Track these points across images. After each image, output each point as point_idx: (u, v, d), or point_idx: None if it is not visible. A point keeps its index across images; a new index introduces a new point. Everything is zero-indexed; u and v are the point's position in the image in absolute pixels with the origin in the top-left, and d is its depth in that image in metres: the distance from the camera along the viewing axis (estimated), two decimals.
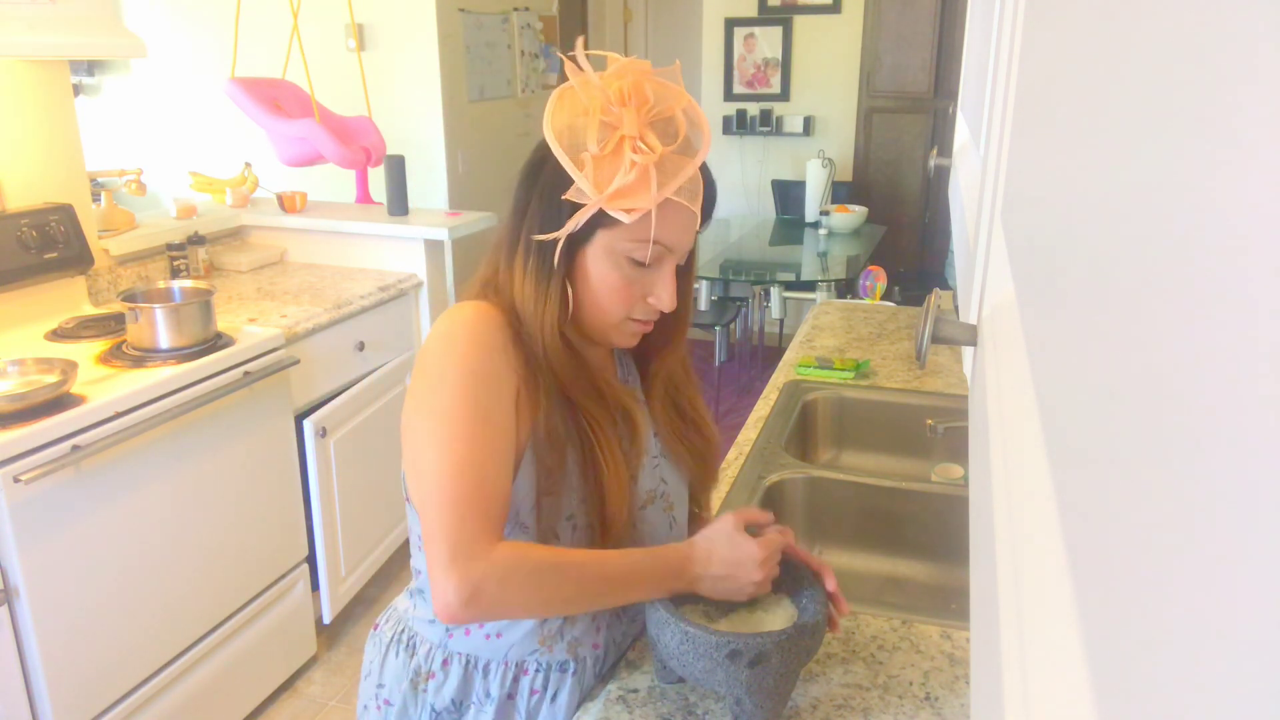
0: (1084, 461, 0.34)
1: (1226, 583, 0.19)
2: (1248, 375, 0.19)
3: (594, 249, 0.99)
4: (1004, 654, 0.40)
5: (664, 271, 1.01)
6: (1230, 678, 0.18)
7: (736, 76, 5.38)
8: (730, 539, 1.02)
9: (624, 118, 0.94)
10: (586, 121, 0.94)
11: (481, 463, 0.94)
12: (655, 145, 0.94)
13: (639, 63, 0.97)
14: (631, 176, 0.93)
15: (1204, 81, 0.23)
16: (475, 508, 0.92)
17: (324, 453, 2.54)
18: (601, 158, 0.94)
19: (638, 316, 1.04)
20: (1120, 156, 0.32)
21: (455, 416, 0.94)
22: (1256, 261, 0.19)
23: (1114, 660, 0.27)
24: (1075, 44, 0.45)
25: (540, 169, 0.99)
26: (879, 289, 3.25)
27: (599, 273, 1.00)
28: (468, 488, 0.92)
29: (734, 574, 1.01)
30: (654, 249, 0.98)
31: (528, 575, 0.93)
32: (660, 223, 0.96)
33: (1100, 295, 0.34)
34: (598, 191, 0.94)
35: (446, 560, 0.90)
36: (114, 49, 2.43)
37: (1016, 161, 0.72)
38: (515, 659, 1.07)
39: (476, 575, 0.90)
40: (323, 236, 3.14)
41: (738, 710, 1.00)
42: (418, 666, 1.09)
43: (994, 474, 0.54)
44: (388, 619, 1.16)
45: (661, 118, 0.96)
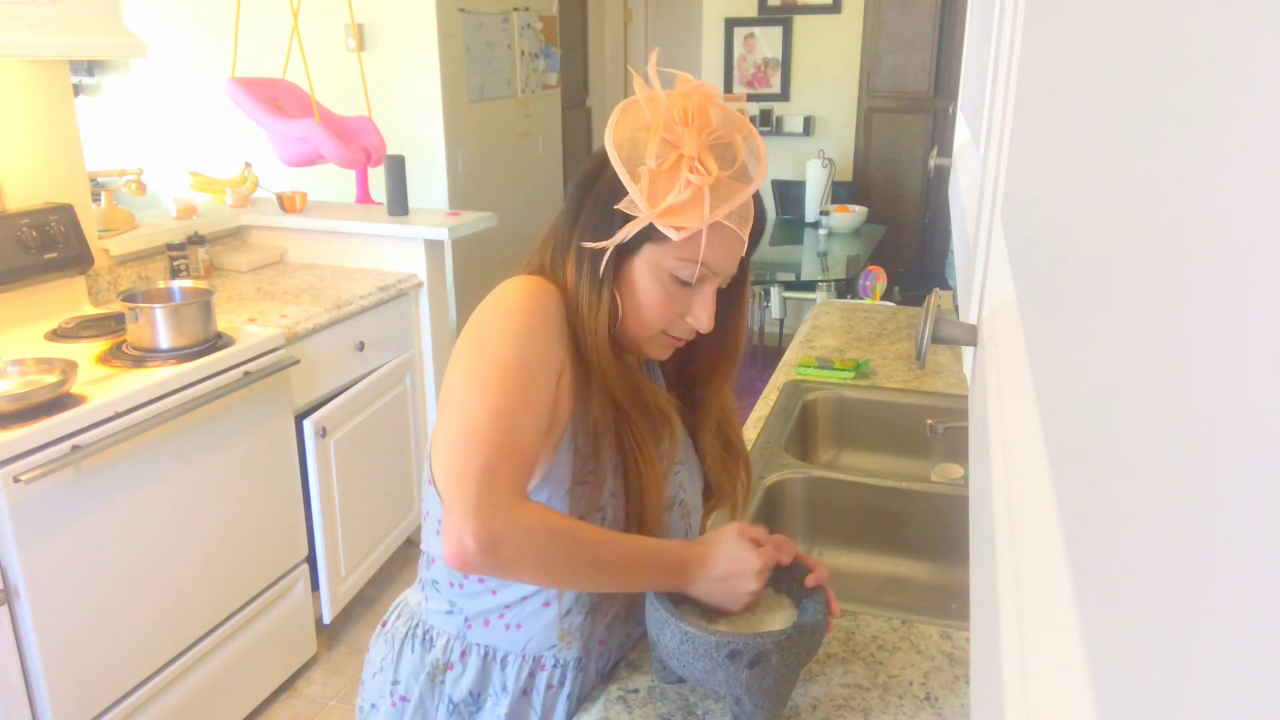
0: (1084, 461, 0.34)
1: (1227, 583, 0.19)
2: (1248, 375, 0.19)
3: (640, 261, 1.01)
4: (1004, 654, 0.40)
5: (705, 292, 1.03)
6: (1230, 678, 0.18)
7: (736, 76, 5.38)
8: (732, 547, 1.03)
9: (685, 138, 0.95)
10: (647, 137, 0.96)
11: (522, 418, 0.94)
12: (712, 168, 0.95)
13: (707, 86, 0.99)
14: (685, 195, 0.95)
15: (1204, 81, 0.23)
16: (508, 459, 0.92)
17: (324, 453, 2.54)
18: (658, 173, 0.95)
19: (674, 333, 1.05)
20: (1120, 156, 0.32)
21: (504, 366, 0.94)
22: (1256, 261, 0.19)
23: (1114, 660, 0.27)
24: (1075, 44, 0.45)
25: (597, 177, 1.01)
26: (879, 289, 3.25)
27: (642, 285, 1.01)
28: (504, 437, 0.92)
29: (730, 582, 1.02)
30: (699, 270, 0.99)
31: (548, 537, 0.92)
32: (708, 244, 0.98)
33: (1100, 295, 0.34)
34: (650, 206, 0.95)
35: (472, 504, 0.89)
36: (114, 49, 2.43)
37: (1016, 161, 0.72)
38: (533, 652, 1.07)
39: (499, 526, 0.89)
40: (323, 236, 3.14)
41: (738, 710, 1.00)
42: (435, 659, 1.09)
43: (994, 474, 0.55)
44: (398, 615, 1.15)
45: (721, 142, 0.98)
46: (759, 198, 1.03)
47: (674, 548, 1.03)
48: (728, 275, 1.04)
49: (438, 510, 1.04)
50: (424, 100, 4.00)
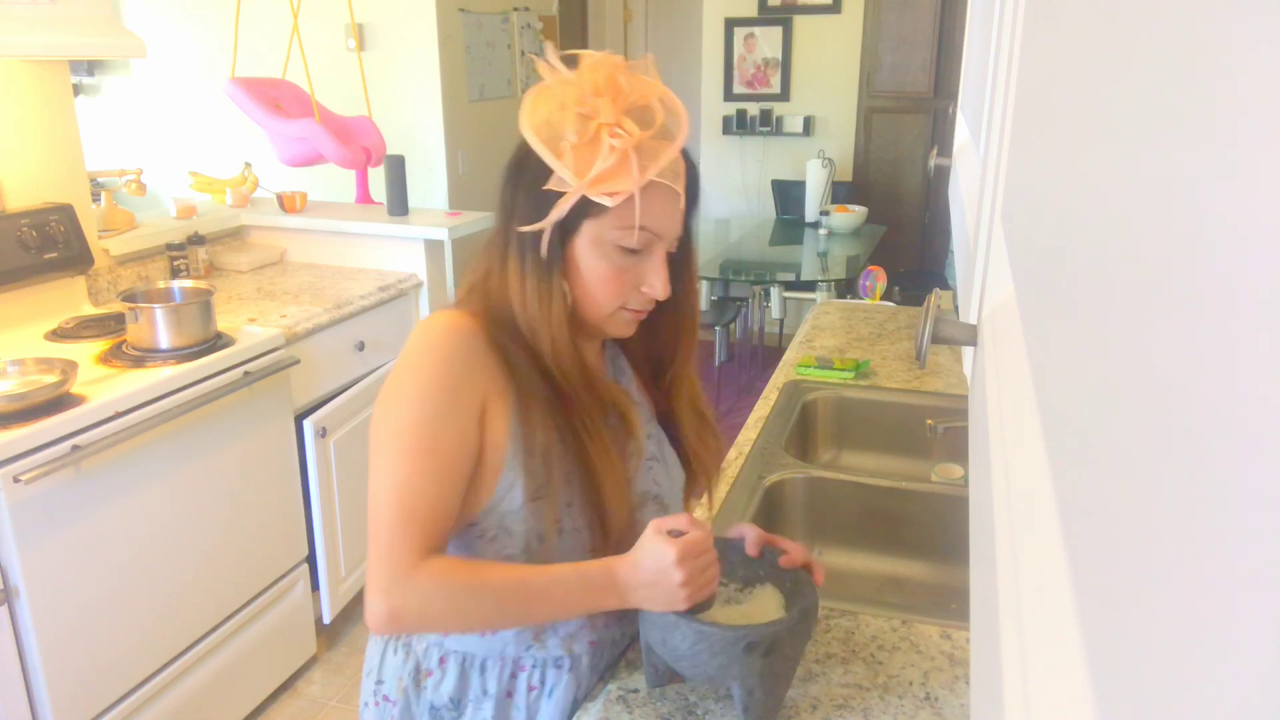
0: (1084, 461, 0.34)
1: (1227, 582, 0.19)
2: (1248, 375, 0.19)
3: (582, 241, 0.99)
4: (1004, 654, 0.40)
5: (655, 259, 1.01)
6: (1230, 678, 0.18)
7: (736, 76, 5.38)
8: (650, 548, 0.96)
9: (600, 107, 0.94)
10: (563, 115, 0.95)
11: (421, 484, 0.96)
12: (633, 130, 0.94)
13: (611, 57, 0.98)
14: (612, 160, 0.93)
15: (1204, 81, 0.23)
16: (407, 526, 0.95)
17: (324, 453, 2.54)
18: (580, 146, 0.94)
19: (632, 306, 1.03)
20: (1120, 156, 0.32)
21: (403, 434, 0.96)
22: (1257, 261, 0.19)
23: (1114, 660, 0.27)
24: (1075, 44, 0.45)
25: (522, 167, 1.00)
26: (879, 289, 3.25)
27: (589, 264, 1.00)
28: (403, 509, 0.95)
29: (659, 580, 0.95)
30: (641, 235, 0.98)
31: (447, 597, 0.96)
32: (645, 207, 0.96)
33: (1100, 295, 0.34)
34: (579, 178, 0.94)
35: (373, 580, 0.95)
36: (114, 49, 2.43)
37: (1016, 161, 0.72)
38: (511, 656, 1.07)
39: (397, 598, 0.94)
40: (323, 236, 3.14)
41: (749, 701, 0.99)
42: (416, 663, 1.10)
43: (994, 474, 0.54)
44: None
45: (638, 105, 0.96)
46: (689, 155, 1.01)
47: (599, 566, 0.98)
48: (673, 237, 1.02)
49: None
50: (424, 100, 4.00)
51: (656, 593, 0.96)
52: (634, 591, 0.97)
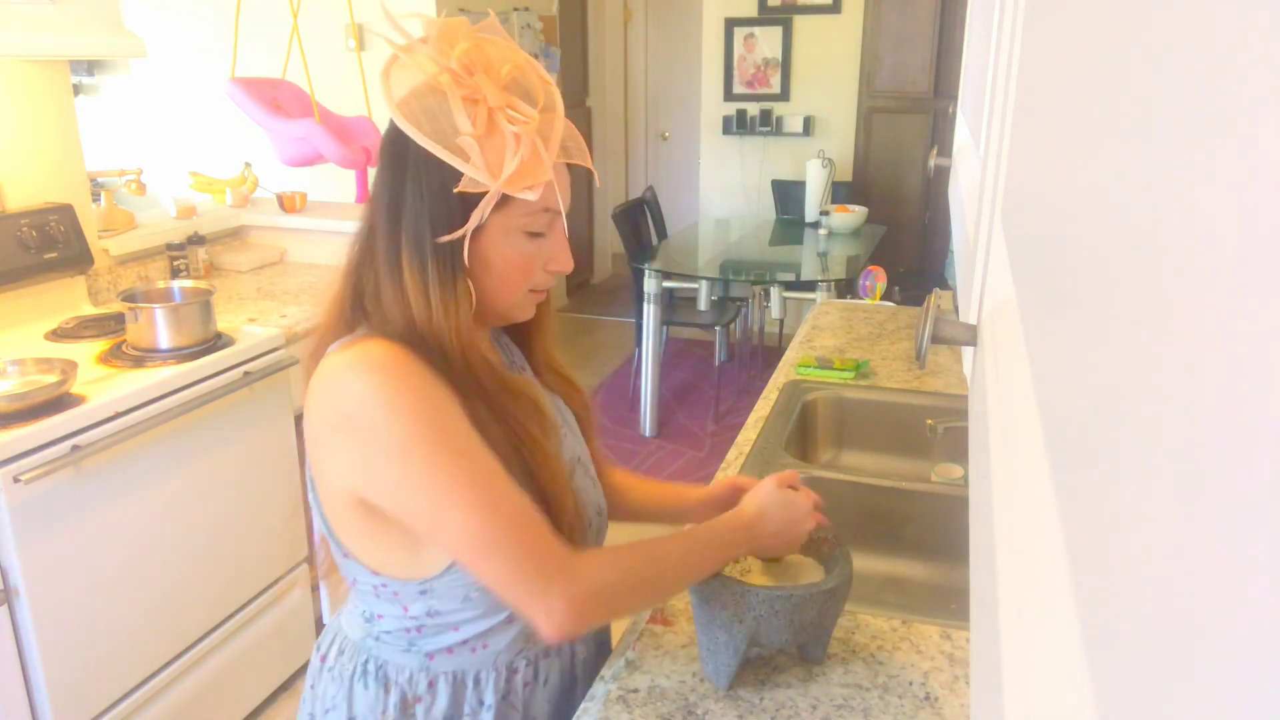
0: (1084, 461, 0.34)
1: (1227, 583, 0.19)
2: (1248, 375, 0.19)
3: (490, 235, 0.94)
4: (1004, 654, 0.40)
5: (557, 234, 0.99)
6: (1230, 678, 0.18)
7: (736, 76, 5.37)
8: (780, 496, 1.08)
9: (481, 87, 0.88)
10: (444, 103, 0.88)
11: (502, 491, 0.89)
12: (528, 112, 0.89)
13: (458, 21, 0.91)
14: (524, 151, 0.88)
15: (1205, 81, 0.23)
16: (530, 532, 0.89)
17: None
18: (482, 138, 0.88)
19: (538, 286, 1.01)
20: (1120, 156, 0.32)
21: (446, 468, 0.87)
22: (1257, 261, 0.19)
23: (1114, 660, 0.27)
24: (1075, 44, 0.45)
25: (403, 163, 0.92)
26: (879, 289, 3.25)
27: (499, 254, 0.95)
28: (511, 520, 0.88)
29: (790, 527, 1.07)
30: (547, 215, 0.95)
31: (623, 573, 0.94)
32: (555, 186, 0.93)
33: (1100, 295, 0.34)
34: (495, 178, 0.88)
35: (537, 586, 0.87)
36: (114, 49, 2.43)
37: (1016, 161, 0.72)
38: (505, 662, 1.03)
39: (575, 585, 0.89)
40: (323, 236, 3.14)
41: (817, 652, 1.11)
42: (401, 693, 1.02)
43: (994, 474, 0.55)
44: (337, 649, 1.09)
45: (514, 80, 0.91)
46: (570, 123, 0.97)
47: (725, 522, 1.06)
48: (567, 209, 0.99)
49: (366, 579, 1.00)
50: None
51: (785, 538, 1.08)
52: (765, 539, 1.06)
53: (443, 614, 0.98)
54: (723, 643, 1.05)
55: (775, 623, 1.03)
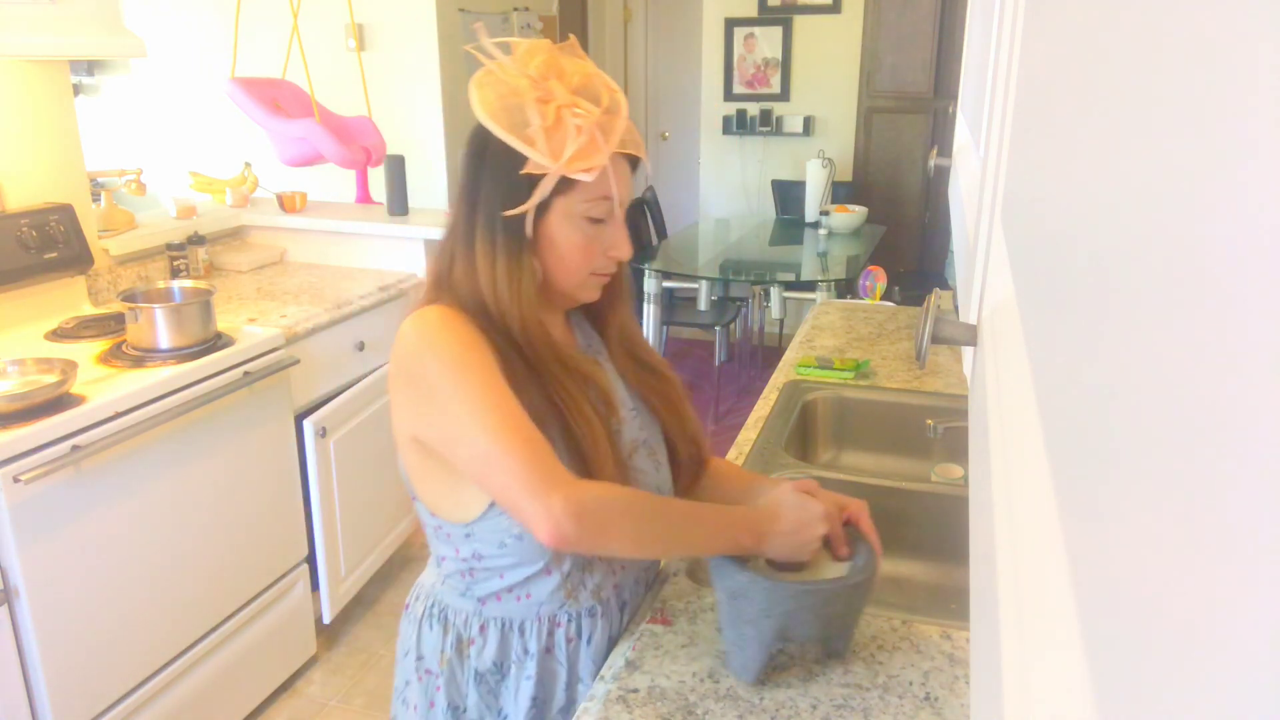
0: (1084, 461, 0.34)
1: (1227, 583, 0.19)
2: (1248, 375, 0.19)
3: (554, 217, 1.06)
4: (1004, 654, 0.40)
5: (617, 224, 1.10)
6: (1230, 678, 0.18)
7: (736, 76, 5.37)
8: (795, 500, 1.11)
9: (553, 90, 1.01)
10: (519, 101, 1.01)
11: (516, 418, 1.00)
12: (590, 108, 1.02)
13: (542, 42, 1.06)
14: (582, 140, 1.01)
15: (1205, 80, 0.23)
16: (537, 450, 0.98)
17: (324, 453, 2.54)
18: (548, 129, 1.01)
19: (599, 270, 1.12)
20: (1120, 156, 0.32)
21: (468, 393, 0.99)
22: (1257, 261, 0.19)
23: (1114, 660, 0.27)
24: (1075, 44, 0.45)
25: (483, 155, 1.06)
26: (879, 289, 3.25)
27: (562, 236, 1.07)
28: (519, 438, 0.98)
29: (801, 532, 1.09)
30: (606, 203, 1.06)
31: (623, 500, 1.01)
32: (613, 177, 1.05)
33: (1100, 295, 0.34)
34: (554, 160, 1.01)
35: (540, 488, 0.96)
36: (114, 49, 2.43)
37: (1016, 161, 0.72)
38: (547, 614, 1.13)
39: (576, 494, 0.96)
40: (323, 236, 3.14)
41: (840, 645, 1.12)
42: (458, 634, 1.15)
43: (994, 474, 0.55)
44: (416, 596, 1.23)
45: (582, 85, 1.04)
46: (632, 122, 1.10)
47: (740, 510, 1.11)
48: (628, 202, 1.11)
49: (429, 520, 1.14)
50: (424, 100, 4.00)
51: (794, 541, 1.09)
52: (772, 538, 1.08)
53: (485, 558, 1.10)
54: (750, 638, 1.06)
55: (804, 616, 1.04)
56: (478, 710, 1.16)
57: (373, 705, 2.51)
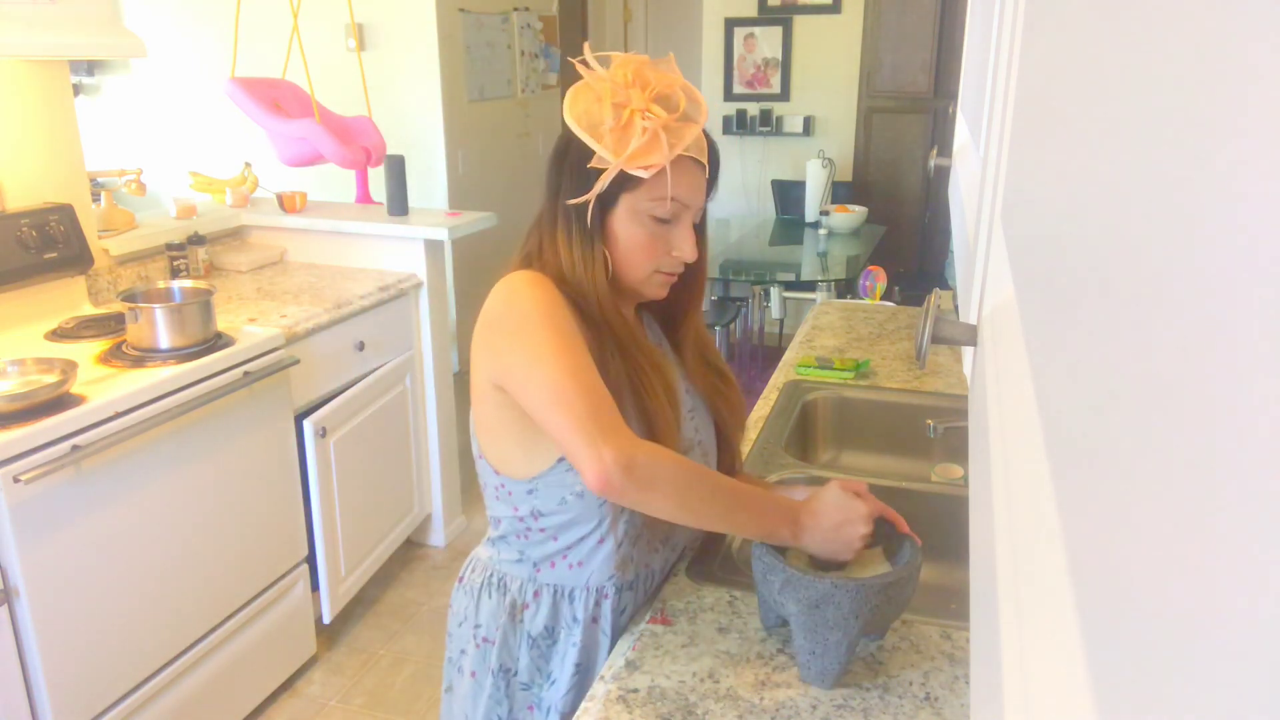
0: (1084, 461, 0.34)
1: (1227, 582, 0.19)
2: (1248, 375, 0.19)
3: (620, 212, 1.13)
4: (1004, 654, 0.40)
5: (683, 226, 1.15)
6: (1230, 678, 0.18)
7: (736, 76, 5.38)
8: (838, 498, 1.13)
9: (631, 96, 1.09)
10: (600, 105, 1.10)
11: (589, 368, 1.05)
12: (660, 114, 1.09)
13: (638, 56, 1.13)
14: (645, 139, 1.07)
15: (1204, 80, 0.23)
16: (603, 400, 1.04)
17: (324, 453, 2.54)
18: (617, 129, 1.08)
19: (664, 269, 1.17)
20: (1120, 156, 0.32)
21: (549, 338, 1.06)
22: (1257, 261, 0.19)
23: (1114, 660, 0.27)
24: (1075, 44, 0.45)
25: (566, 151, 1.14)
26: (879, 289, 3.25)
27: (627, 232, 1.13)
28: (589, 384, 1.04)
29: (842, 530, 1.11)
30: (671, 205, 1.12)
31: (673, 461, 1.05)
32: (674, 179, 1.10)
33: (1100, 295, 0.34)
34: (616, 156, 1.08)
35: (596, 436, 1.00)
36: (114, 49, 2.43)
37: (1016, 161, 0.72)
38: (595, 584, 1.19)
39: (628, 448, 1.00)
40: (323, 236, 3.14)
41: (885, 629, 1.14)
42: (513, 600, 1.21)
43: (994, 474, 0.55)
44: (472, 569, 1.28)
45: (663, 94, 1.10)
46: (709, 135, 1.16)
47: (783, 500, 1.14)
48: (698, 207, 1.16)
49: (491, 479, 1.19)
50: (424, 100, 4.00)
51: (835, 538, 1.11)
52: (812, 533, 1.11)
53: (544, 515, 1.16)
54: (834, 642, 1.06)
55: (886, 609, 1.07)
56: (529, 673, 1.22)
57: (373, 705, 2.51)
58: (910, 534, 1.16)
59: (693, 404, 1.26)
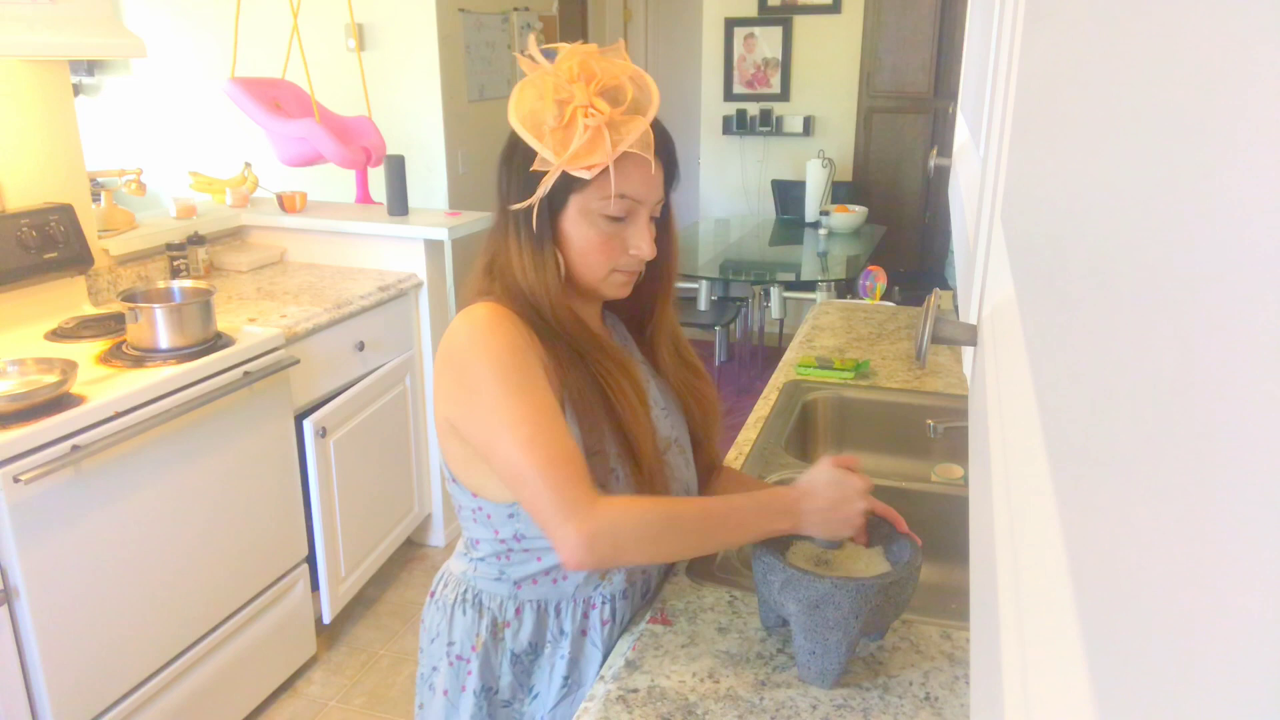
0: (1084, 461, 0.34)
1: (1227, 583, 0.19)
2: (1247, 374, 0.19)
3: (571, 213, 1.09)
4: (1004, 654, 0.40)
5: (638, 223, 1.11)
6: (1230, 678, 0.18)
7: (736, 76, 5.38)
8: (832, 474, 1.11)
9: (574, 92, 1.04)
10: (543, 104, 1.05)
11: (550, 431, 1.02)
12: (604, 108, 1.04)
13: (585, 46, 1.08)
14: (586, 137, 1.04)
15: (1204, 80, 0.23)
16: (562, 470, 1.00)
17: (324, 453, 2.54)
18: (559, 129, 1.04)
19: (622, 268, 1.13)
20: (1120, 156, 0.32)
21: (507, 403, 1.03)
22: (1257, 261, 0.19)
23: (1114, 660, 0.27)
24: (1075, 44, 0.45)
25: (512, 155, 1.11)
26: (879, 289, 3.25)
27: (579, 233, 1.10)
28: (548, 455, 1.01)
29: (840, 507, 1.08)
30: (621, 202, 1.08)
31: (636, 521, 1.02)
32: (622, 176, 1.06)
33: (1100, 295, 0.34)
34: (558, 156, 1.04)
35: (559, 518, 0.99)
36: (114, 49, 2.43)
37: (1016, 161, 0.72)
38: (583, 596, 1.16)
39: (590, 525, 0.98)
40: (323, 236, 3.14)
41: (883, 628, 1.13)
42: (493, 618, 1.17)
43: (994, 474, 0.55)
44: (444, 584, 1.24)
45: (609, 87, 1.06)
46: (661, 126, 1.10)
47: (774, 493, 1.11)
48: (654, 202, 1.12)
49: (468, 502, 1.15)
50: (424, 100, 4.00)
51: (834, 517, 1.08)
52: (811, 515, 1.08)
53: (527, 538, 1.12)
54: (834, 642, 1.06)
55: (886, 608, 1.06)
56: (510, 690, 1.18)
57: (373, 705, 2.51)
58: (909, 533, 1.15)
59: (665, 402, 1.23)
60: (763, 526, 1.08)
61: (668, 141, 1.11)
